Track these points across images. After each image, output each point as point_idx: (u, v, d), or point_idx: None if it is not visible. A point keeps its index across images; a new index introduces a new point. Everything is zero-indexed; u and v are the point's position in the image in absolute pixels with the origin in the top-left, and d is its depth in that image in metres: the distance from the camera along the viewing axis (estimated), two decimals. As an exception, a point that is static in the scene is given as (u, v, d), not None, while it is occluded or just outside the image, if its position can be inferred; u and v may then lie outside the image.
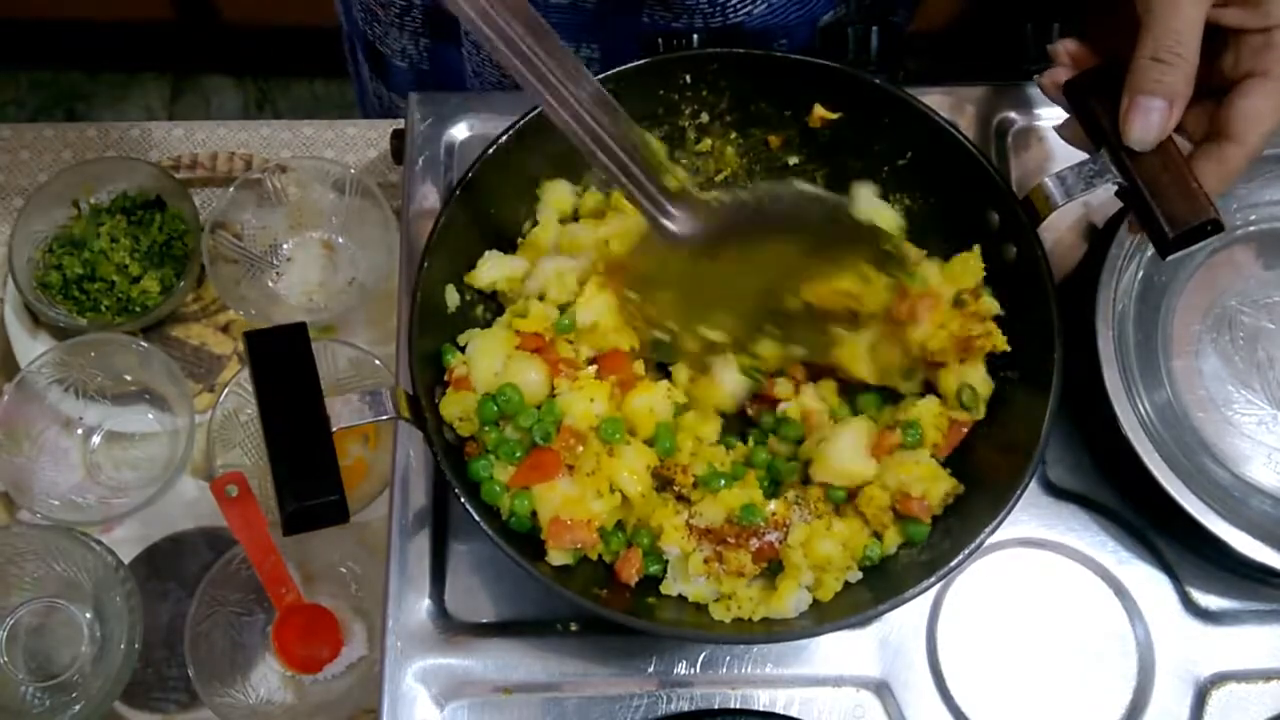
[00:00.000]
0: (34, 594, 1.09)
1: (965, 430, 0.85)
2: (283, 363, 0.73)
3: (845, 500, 0.84)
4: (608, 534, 0.83)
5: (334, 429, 0.72)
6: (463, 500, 0.78)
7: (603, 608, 0.77)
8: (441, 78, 1.21)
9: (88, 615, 1.09)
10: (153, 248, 1.17)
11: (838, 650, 0.87)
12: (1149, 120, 0.74)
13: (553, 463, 0.81)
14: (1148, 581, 0.89)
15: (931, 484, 0.82)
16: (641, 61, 0.89)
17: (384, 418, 0.75)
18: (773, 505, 0.83)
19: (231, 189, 1.16)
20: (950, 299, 0.85)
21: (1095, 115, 0.77)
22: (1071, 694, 0.87)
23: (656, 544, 0.82)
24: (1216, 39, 0.75)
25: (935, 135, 0.86)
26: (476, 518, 0.78)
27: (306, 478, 0.70)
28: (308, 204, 1.21)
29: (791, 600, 0.80)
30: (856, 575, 0.82)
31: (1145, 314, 0.90)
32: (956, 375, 0.84)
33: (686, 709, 0.85)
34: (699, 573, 0.81)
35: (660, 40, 0.95)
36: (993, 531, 0.77)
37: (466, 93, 1.04)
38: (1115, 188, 0.78)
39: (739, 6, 1.06)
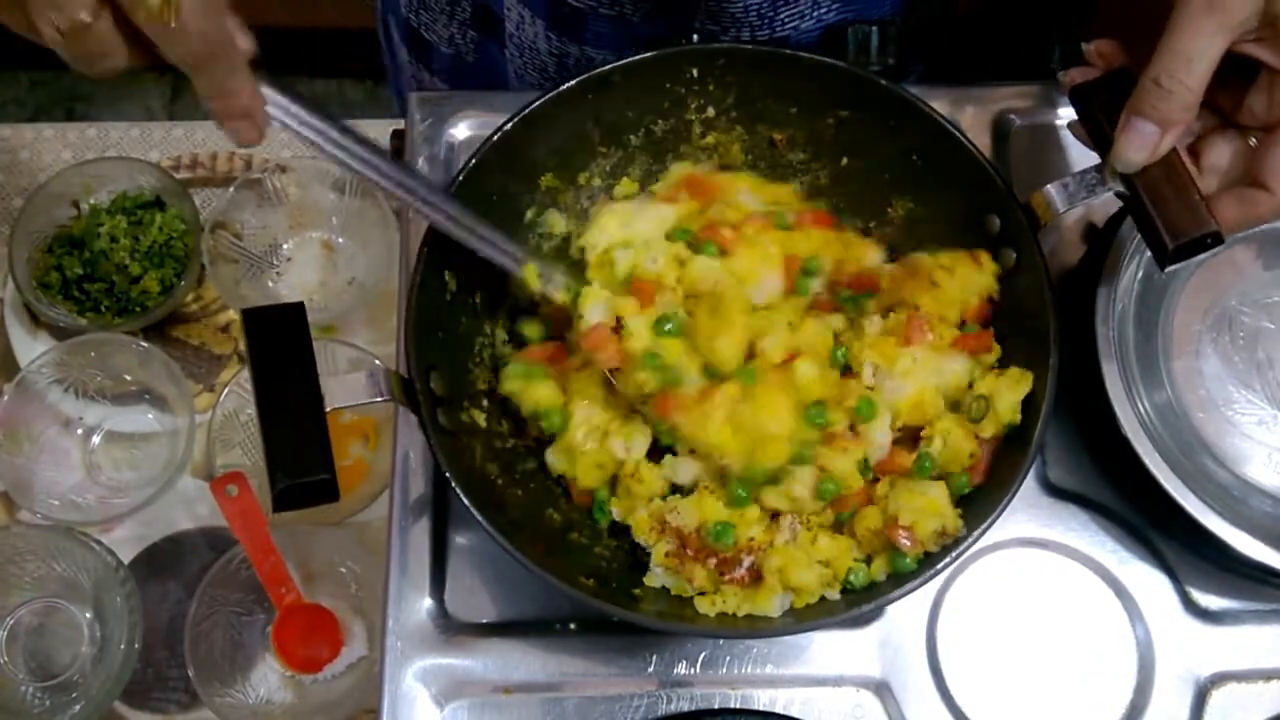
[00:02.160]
0: (34, 594, 1.09)
1: (994, 447, 0.82)
2: (279, 341, 0.73)
3: (848, 518, 0.83)
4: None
5: (328, 409, 0.72)
6: (456, 489, 0.78)
7: (588, 596, 0.77)
8: (485, 72, 1.20)
9: (88, 615, 1.09)
10: (153, 248, 1.17)
11: (838, 650, 0.87)
12: (1140, 143, 0.73)
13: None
14: (1148, 581, 0.89)
15: (923, 517, 0.78)
16: (648, 54, 0.89)
17: (378, 400, 0.75)
18: (754, 530, 0.81)
19: (231, 189, 1.16)
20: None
21: (1100, 123, 0.77)
22: (1071, 694, 0.87)
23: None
24: (1248, 70, 0.74)
25: (940, 138, 0.86)
26: (469, 506, 0.77)
27: (298, 456, 0.70)
28: (308, 204, 1.21)
29: (775, 601, 0.79)
30: (835, 595, 0.80)
31: (1145, 314, 0.90)
32: (988, 385, 0.82)
33: (686, 709, 0.85)
34: (659, 563, 0.81)
35: (661, 39, 0.95)
36: (979, 537, 0.77)
37: (466, 93, 1.04)
38: (1117, 196, 0.78)
39: (787, 20, 1.06)
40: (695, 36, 0.96)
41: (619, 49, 1.07)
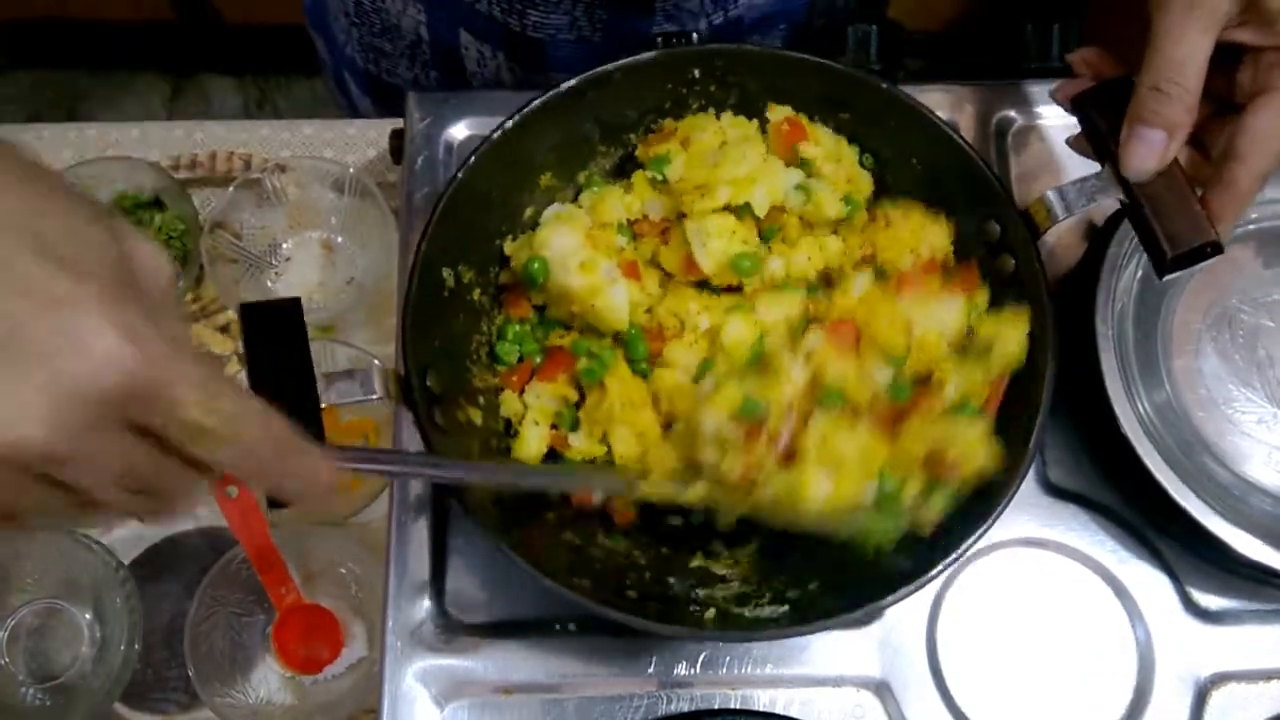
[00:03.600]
0: (34, 595, 1.09)
1: (1002, 389, 0.82)
2: (276, 337, 0.73)
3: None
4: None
5: (323, 405, 0.72)
6: (450, 489, 0.78)
7: (581, 597, 0.77)
8: None
9: (88, 616, 1.09)
10: (152, 248, 1.17)
11: (838, 650, 0.87)
12: (1147, 151, 0.73)
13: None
14: (1148, 581, 0.89)
15: (971, 448, 0.76)
16: (650, 54, 0.88)
17: (373, 397, 0.75)
18: (789, 394, 0.77)
19: (231, 189, 1.16)
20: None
21: (1100, 131, 0.77)
22: (1071, 694, 0.87)
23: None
24: (1237, 55, 0.74)
25: (940, 142, 0.86)
26: (463, 505, 0.77)
27: None
28: (307, 204, 1.21)
29: (816, 485, 0.75)
30: (869, 495, 0.77)
31: (1145, 313, 0.90)
32: (989, 328, 0.82)
33: (686, 709, 0.85)
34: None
35: (660, 38, 0.95)
36: (975, 542, 0.76)
37: (466, 93, 1.04)
38: (1118, 203, 0.78)
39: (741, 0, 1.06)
40: (673, 41, 0.96)
41: (586, 67, 1.08)
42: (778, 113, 0.89)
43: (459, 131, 1.00)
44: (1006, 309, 0.83)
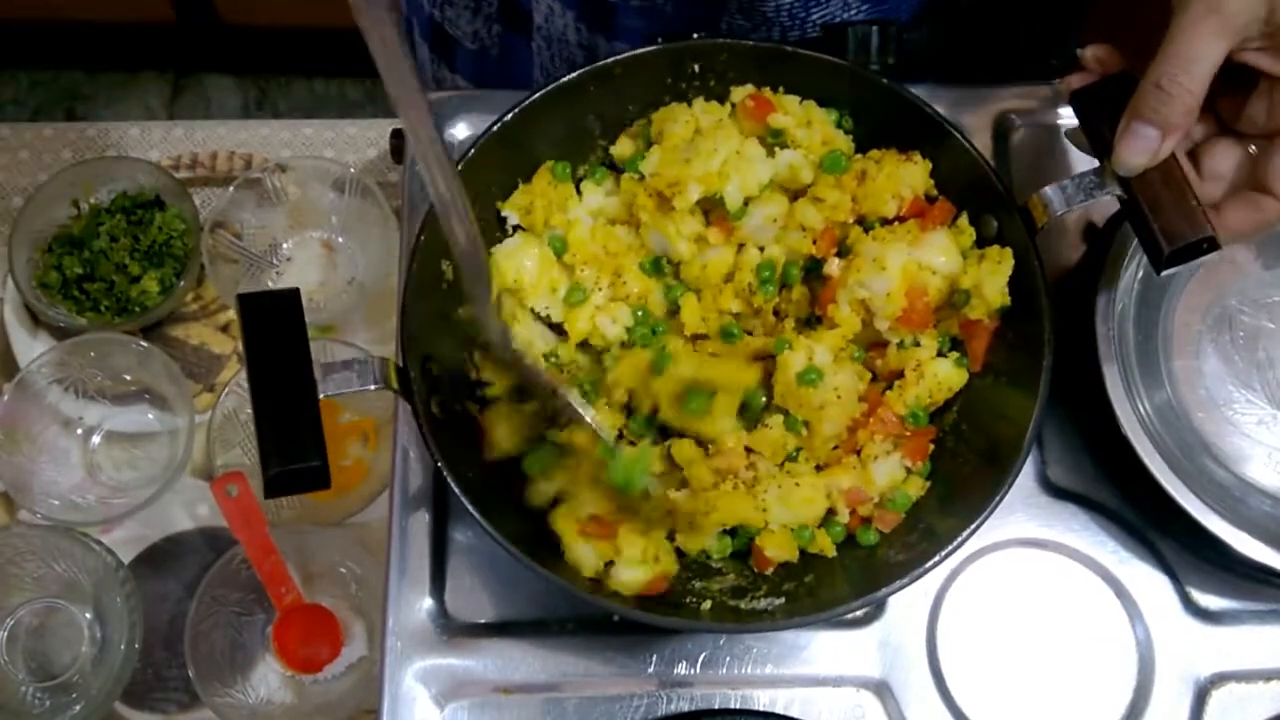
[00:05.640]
0: (34, 594, 1.09)
1: (991, 329, 0.84)
2: (274, 327, 0.73)
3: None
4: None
5: (321, 396, 0.72)
6: (445, 474, 0.78)
7: (573, 586, 0.77)
8: (509, 68, 1.20)
9: (88, 616, 1.09)
10: (152, 247, 1.17)
11: (838, 650, 0.87)
12: (1141, 146, 0.73)
13: None
14: (1148, 581, 0.89)
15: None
16: (652, 48, 0.88)
17: (371, 387, 0.75)
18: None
19: (231, 188, 1.16)
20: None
21: (1099, 127, 0.77)
22: (1071, 694, 0.87)
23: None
24: (1248, 78, 0.74)
25: (939, 138, 0.86)
26: (457, 492, 0.77)
27: (290, 442, 0.70)
28: (307, 203, 1.21)
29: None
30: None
31: (1145, 314, 0.90)
32: (973, 276, 0.83)
33: (686, 709, 0.85)
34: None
35: (660, 38, 0.95)
36: (968, 538, 0.76)
37: (466, 93, 1.04)
38: (1116, 199, 0.78)
39: (819, 20, 1.05)
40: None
41: (652, 40, 1.07)
42: (740, 92, 0.89)
43: (460, 131, 1.01)
44: (989, 251, 0.84)
